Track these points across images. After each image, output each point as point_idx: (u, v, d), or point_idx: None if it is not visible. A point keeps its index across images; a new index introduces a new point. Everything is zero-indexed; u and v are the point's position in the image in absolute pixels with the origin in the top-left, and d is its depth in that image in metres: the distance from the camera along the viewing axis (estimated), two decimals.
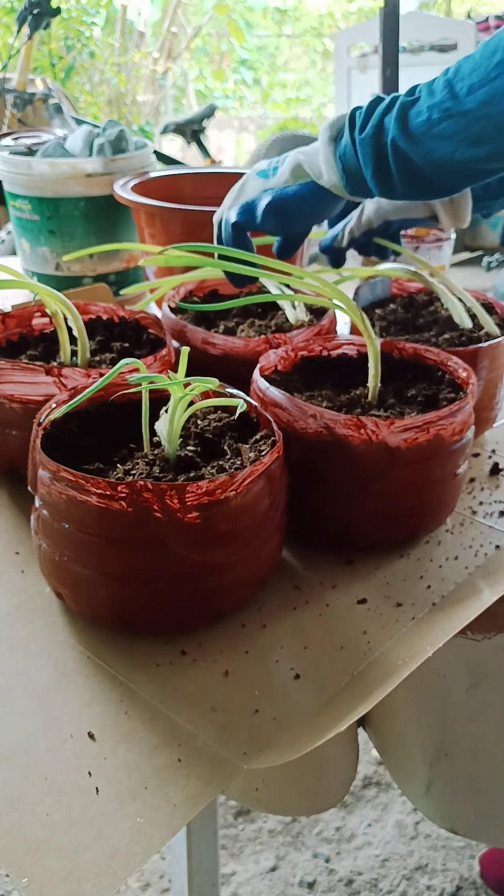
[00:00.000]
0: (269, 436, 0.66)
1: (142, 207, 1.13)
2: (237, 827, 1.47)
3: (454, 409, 0.68)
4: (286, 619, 0.66)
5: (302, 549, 0.74)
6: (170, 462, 0.64)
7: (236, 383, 0.70)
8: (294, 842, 1.44)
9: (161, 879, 1.37)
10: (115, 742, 0.55)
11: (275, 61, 8.09)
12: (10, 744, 0.54)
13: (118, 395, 0.70)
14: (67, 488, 0.58)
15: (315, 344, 0.82)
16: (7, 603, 0.67)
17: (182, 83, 6.98)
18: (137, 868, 0.47)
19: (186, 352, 0.65)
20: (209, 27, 7.15)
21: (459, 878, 1.37)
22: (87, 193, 1.25)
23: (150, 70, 6.14)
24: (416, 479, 0.69)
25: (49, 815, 0.50)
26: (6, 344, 0.85)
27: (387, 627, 0.65)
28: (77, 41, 5.05)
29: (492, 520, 0.78)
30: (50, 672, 0.60)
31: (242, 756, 0.54)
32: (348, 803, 1.51)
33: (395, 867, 1.39)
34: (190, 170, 1.38)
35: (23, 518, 0.77)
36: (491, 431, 0.94)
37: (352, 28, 5.39)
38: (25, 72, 2.54)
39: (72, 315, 0.76)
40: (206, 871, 0.98)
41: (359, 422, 0.66)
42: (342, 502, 0.70)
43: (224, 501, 0.58)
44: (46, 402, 0.68)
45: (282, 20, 7.88)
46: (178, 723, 0.56)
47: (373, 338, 0.71)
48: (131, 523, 0.57)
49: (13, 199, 1.30)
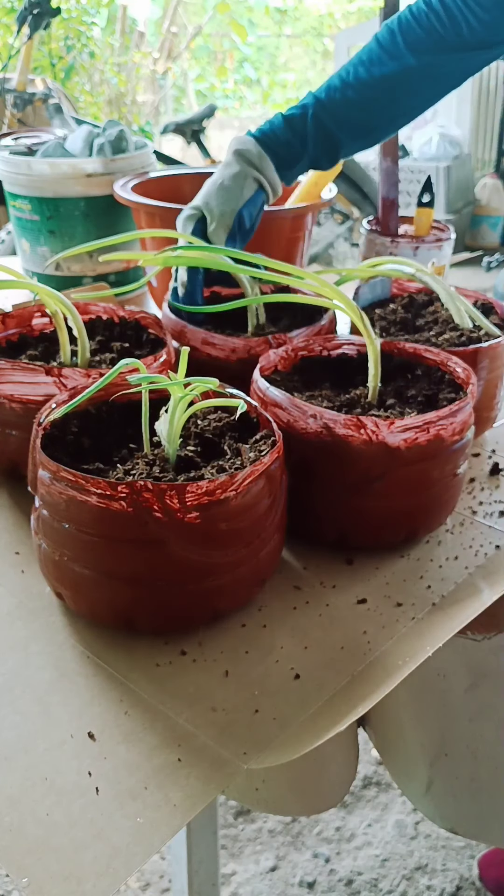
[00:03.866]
0: (269, 436, 0.66)
1: (142, 207, 1.13)
2: (237, 827, 1.47)
3: (454, 409, 0.68)
4: (286, 619, 0.66)
5: (302, 549, 0.74)
6: (170, 462, 0.64)
7: (236, 383, 0.70)
8: (294, 842, 1.44)
9: (161, 879, 1.37)
10: (115, 742, 0.55)
11: (275, 61, 8.08)
12: (10, 744, 0.54)
13: (118, 395, 0.70)
14: (67, 488, 0.58)
15: (315, 344, 0.82)
16: (7, 603, 0.67)
17: (182, 83, 6.97)
18: (137, 868, 0.47)
19: (186, 352, 0.65)
20: (210, 27, 7.15)
21: (459, 878, 1.37)
22: (87, 193, 1.25)
23: (150, 70, 6.13)
24: (416, 480, 0.69)
25: (49, 815, 0.50)
26: (6, 344, 0.85)
27: (387, 627, 0.65)
28: (77, 41, 5.05)
29: (492, 520, 0.78)
30: (50, 672, 0.60)
31: (242, 756, 0.54)
32: (348, 803, 1.51)
33: (395, 867, 1.39)
34: (190, 170, 1.38)
35: (23, 518, 0.77)
36: (491, 431, 0.94)
37: (352, 28, 5.39)
38: (25, 72, 2.54)
39: (72, 315, 0.76)
40: (206, 871, 0.98)
41: (359, 422, 0.66)
42: (342, 502, 0.70)
43: (224, 501, 0.58)
44: (46, 402, 0.68)
45: (282, 20, 7.87)
46: (178, 723, 0.56)
47: (373, 338, 0.71)
48: (131, 523, 0.57)
49: (13, 199, 1.30)
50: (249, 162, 0.89)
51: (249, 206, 0.90)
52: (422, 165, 4.39)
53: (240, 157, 0.90)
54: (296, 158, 0.92)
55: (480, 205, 4.74)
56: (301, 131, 0.90)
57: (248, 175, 0.89)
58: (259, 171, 0.90)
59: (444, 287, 0.88)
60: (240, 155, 0.90)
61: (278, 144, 0.90)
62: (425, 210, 1.23)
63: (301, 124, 0.90)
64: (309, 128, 0.90)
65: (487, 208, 4.72)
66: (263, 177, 0.90)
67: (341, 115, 0.90)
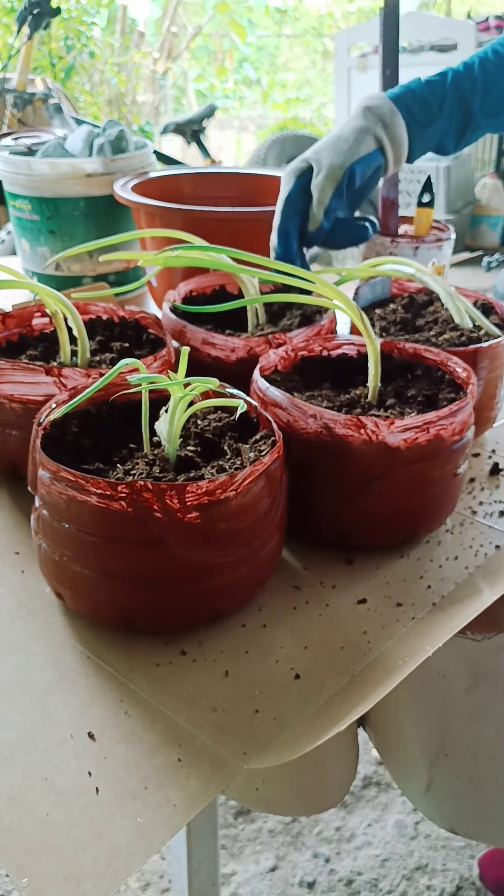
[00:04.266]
0: (269, 436, 0.66)
1: (142, 207, 1.13)
2: (237, 827, 1.47)
3: (454, 409, 0.68)
4: (286, 619, 0.66)
5: (302, 549, 0.74)
6: (170, 462, 0.64)
7: (236, 383, 0.70)
8: (294, 842, 1.44)
9: (161, 879, 1.37)
10: (115, 742, 0.55)
11: (275, 61, 8.09)
12: (10, 744, 0.54)
13: (118, 395, 0.70)
14: (67, 488, 0.58)
15: (315, 344, 0.82)
16: (7, 603, 0.67)
17: (182, 83, 6.98)
18: (137, 868, 0.47)
19: (186, 352, 0.65)
20: (209, 27, 7.16)
21: (459, 878, 1.37)
22: (87, 193, 1.25)
23: (150, 70, 6.14)
24: (416, 480, 0.69)
25: (49, 815, 0.50)
26: (6, 344, 0.85)
27: (387, 627, 0.65)
28: (77, 41, 5.05)
29: (492, 520, 0.78)
30: (50, 672, 0.60)
31: (242, 756, 0.54)
32: (348, 803, 1.51)
33: (395, 867, 1.40)
34: (190, 170, 1.38)
35: (23, 518, 0.77)
36: (491, 431, 0.94)
37: (352, 28, 5.39)
38: (25, 72, 2.54)
39: (72, 315, 0.76)
40: (206, 871, 0.98)
41: (359, 422, 0.66)
42: (342, 502, 0.70)
43: (224, 501, 0.58)
44: (46, 402, 0.68)
45: (282, 20, 7.88)
46: (178, 723, 0.56)
47: (373, 338, 0.71)
48: (131, 523, 0.57)
49: (13, 199, 1.30)
50: (378, 117, 0.83)
51: (363, 163, 0.83)
52: (422, 165, 4.39)
53: (367, 112, 0.84)
54: (430, 120, 0.86)
55: (480, 205, 4.74)
56: (440, 94, 0.86)
57: (371, 131, 0.83)
58: (386, 129, 0.84)
59: (444, 287, 0.88)
60: (368, 110, 0.84)
61: (415, 102, 0.85)
62: (425, 210, 1.23)
63: (440, 88, 0.87)
64: (448, 91, 0.86)
65: (487, 208, 4.72)
66: (389, 136, 0.84)
67: (480, 85, 0.87)
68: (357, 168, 0.83)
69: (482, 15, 5.21)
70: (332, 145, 0.83)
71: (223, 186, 1.35)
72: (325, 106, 7.66)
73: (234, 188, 1.34)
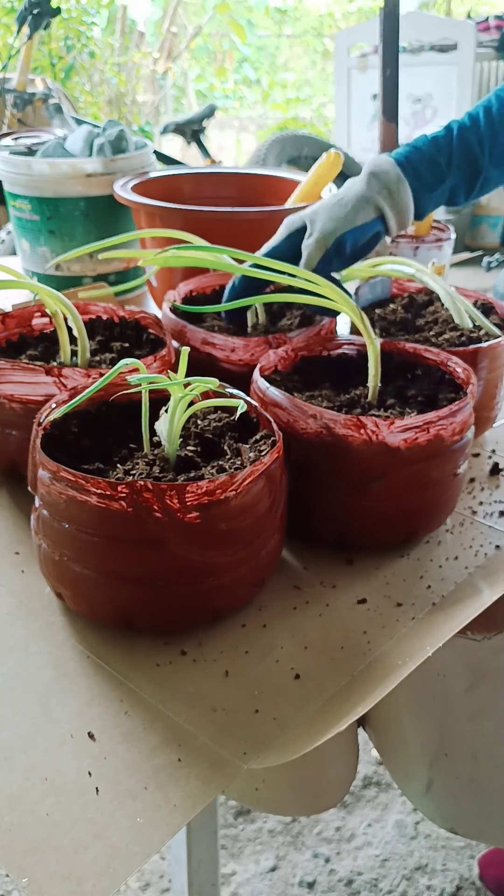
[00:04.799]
0: (269, 436, 0.66)
1: (142, 207, 1.13)
2: (237, 827, 1.47)
3: (454, 409, 0.68)
4: (286, 619, 0.66)
5: (302, 549, 0.74)
6: (170, 462, 0.64)
7: (236, 383, 0.70)
8: (294, 842, 1.44)
9: (161, 879, 1.37)
10: (115, 742, 0.55)
11: (275, 61, 8.09)
12: (10, 744, 0.54)
13: (118, 395, 0.70)
14: (67, 488, 0.58)
15: (315, 344, 0.82)
16: (7, 603, 0.67)
17: (182, 83, 6.98)
18: (137, 868, 0.47)
19: (186, 352, 0.65)
20: (209, 27, 7.16)
21: (459, 878, 1.37)
22: (87, 193, 1.25)
23: (150, 70, 6.14)
24: (416, 480, 0.69)
25: (49, 815, 0.50)
26: (6, 344, 0.85)
27: (387, 627, 0.65)
28: (77, 41, 5.05)
29: (492, 520, 0.78)
30: (50, 672, 0.60)
31: (242, 756, 0.54)
32: (348, 803, 1.51)
33: (395, 867, 1.40)
34: (190, 170, 1.38)
35: (23, 518, 0.77)
36: (491, 431, 0.94)
37: (352, 28, 5.39)
38: (25, 72, 2.54)
39: (72, 315, 0.76)
40: (206, 871, 0.98)
41: (359, 422, 0.66)
42: (342, 502, 0.71)
43: (224, 501, 0.58)
44: (46, 402, 0.68)
45: (282, 20, 7.88)
46: (178, 723, 0.56)
47: (373, 338, 0.71)
48: (131, 523, 0.57)
49: (13, 199, 1.30)
50: (384, 185, 0.83)
51: (357, 232, 0.83)
52: None
53: (372, 179, 0.83)
54: (439, 180, 0.86)
55: (480, 205, 4.74)
56: (447, 150, 0.86)
57: (372, 201, 0.83)
58: (390, 196, 0.83)
59: (444, 287, 0.88)
60: (374, 176, 0.83)
61: (422, 163, 0.84)
62: None
63: (447, 143, 0.86)
64: (454, 147, 0.86)
65: (487, 208, 4.72)
66: (392, 204, 0.83)
67: (486, 137, 0.86)
68: (349, 236, 0.82)
69: (482, 15, 5.22)
70: (329, 209, 0.83)
71: (223, 186, 1.35)
72: (325, 106, 7.66)
73: (234, 188, 1.34)
